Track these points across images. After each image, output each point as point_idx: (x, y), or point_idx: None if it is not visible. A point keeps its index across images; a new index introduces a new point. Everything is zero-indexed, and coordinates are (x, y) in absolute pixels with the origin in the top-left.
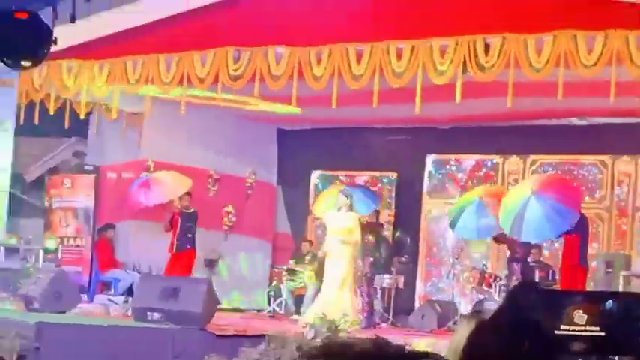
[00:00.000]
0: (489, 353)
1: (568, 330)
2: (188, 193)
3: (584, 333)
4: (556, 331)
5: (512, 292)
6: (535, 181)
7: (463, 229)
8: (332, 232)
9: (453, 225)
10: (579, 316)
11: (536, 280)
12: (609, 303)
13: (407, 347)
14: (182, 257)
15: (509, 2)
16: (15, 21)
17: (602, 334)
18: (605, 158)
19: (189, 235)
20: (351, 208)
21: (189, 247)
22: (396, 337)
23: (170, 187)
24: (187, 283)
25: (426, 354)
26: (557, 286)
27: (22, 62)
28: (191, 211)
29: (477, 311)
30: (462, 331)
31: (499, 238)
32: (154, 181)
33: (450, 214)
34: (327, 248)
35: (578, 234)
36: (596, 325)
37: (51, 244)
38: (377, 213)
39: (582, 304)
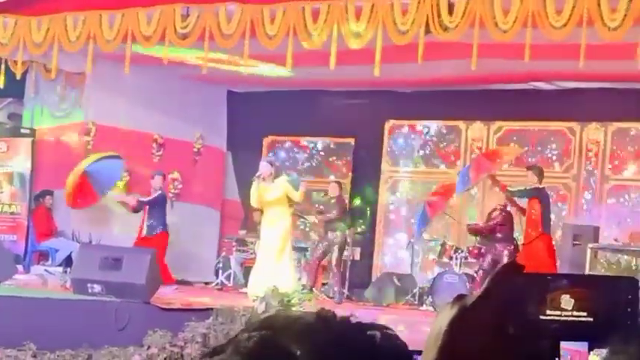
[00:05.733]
0: (472, 339)
1: (554, 315)
2: (161, 174)
3: (570, 318)
4: (542, 317)
5: (496, 276)
6: None
7: None
8: (264, 204)
9: None
10: (566, 300)
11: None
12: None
13: (352, 318)
14: (153, 242)
15: None
16: None
17: (590, 319)
18: (574, 125)
19: (160, 217)
20: (275, 176)
21: (161, 230)
22: (351, 313)
23: None
24: (130, 254)
25: (372, 325)
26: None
27: None
28: (158, 193)
29: (460, 295)
30: (443, 317)
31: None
32: None
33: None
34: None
35: (536, 199)
36: (583, 311)
37: None
38: (339, 184)
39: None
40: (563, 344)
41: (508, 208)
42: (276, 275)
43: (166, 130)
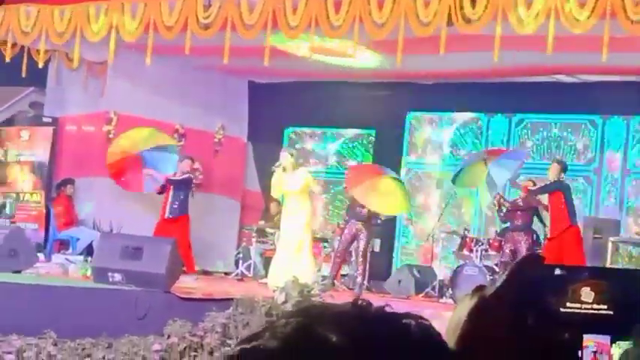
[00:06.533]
0: (491, 331)
1: (574, 308)
2: (190, 158)
3: (590, 312)
4: (562, 309)
5: (516, 267)
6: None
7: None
8: (284, 194)
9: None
10: (586, 293)
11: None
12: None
13: (387, 308)
14: (176, 224)
15: None
16: None
17: (610, 312)
18: (596, 118)
19: (184, 201)
20: (296, 166)
21: (184, 213)
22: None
23: None
24: (151, 243)
25: (407, 314)
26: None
27: None
28: (186, 176)
29: (479, 286)
30: (463, 308)
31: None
32: None
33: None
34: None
35: (559, 192)
36: (604, 304)
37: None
38: None
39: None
40: (587, 336)
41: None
42: (296, 266)
43: (188, 120)
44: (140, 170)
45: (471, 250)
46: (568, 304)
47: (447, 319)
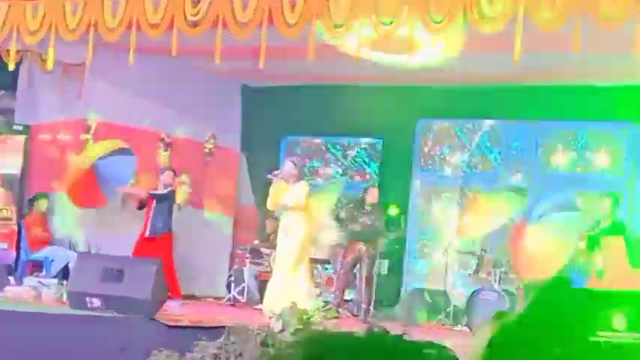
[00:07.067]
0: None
1: (606, 336)
2: (172, 170)
3: (623, 340)
4: (591, 337)
5: (542, 290)
6: None
7: None
8: (281, 208)
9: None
10: (619, 320)
11: None
12: None
13: (406, 337)
14: (157, 243)
15: None
16: None
17: None
18: (626, 126)
19: (167, 217)
20: (299, 178)
21: (166, 231)
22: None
23: None
24: (133, 265)
25: (430, 344)
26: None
27: None
28: (169, 189)
29: (499, 312)
30: (482, 336)
31: None
32: None
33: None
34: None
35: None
36: (638, 332)
37: None
38: (379, 190)
39: (623, 306)
40: None
41: None
42: (292, 287)
43: (175, 129)
44: (96, 184)
45: (489, 273)
46: (599, 332)
47: (461, 348)
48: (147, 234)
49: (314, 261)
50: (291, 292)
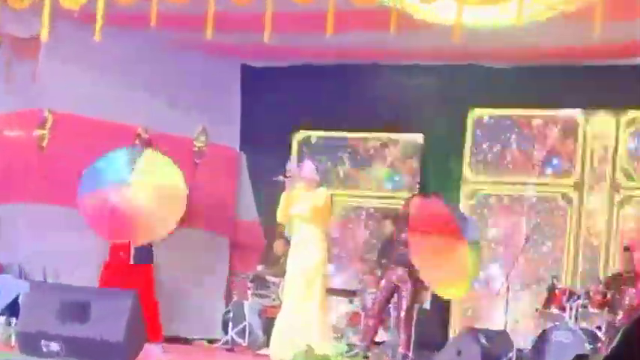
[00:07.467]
0: None
1: None
2: None
3: None
4: None
5: (628, 332)
6: None
7: None
8: (293, 216)
9: None
10: None
11: None
12: None
13: None
14: (139, 273)
15: None
16: None
17: None
18: None
19: (150, 246)
20: (319, 184)
21: (149, 261)
22: None
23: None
24: (102, 298)
25: None
26: None
27: None
28: None
29: (579, 357)
30: None
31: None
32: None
33: None
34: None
35: None
36: None
37: None
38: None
39: None
40: None
41: None
42: (307, 328)
43: (154, 122)
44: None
45: (562, 308)
46: None
47: None
48: (132, 261)
49: (335, 292)
50: (306, 332)
